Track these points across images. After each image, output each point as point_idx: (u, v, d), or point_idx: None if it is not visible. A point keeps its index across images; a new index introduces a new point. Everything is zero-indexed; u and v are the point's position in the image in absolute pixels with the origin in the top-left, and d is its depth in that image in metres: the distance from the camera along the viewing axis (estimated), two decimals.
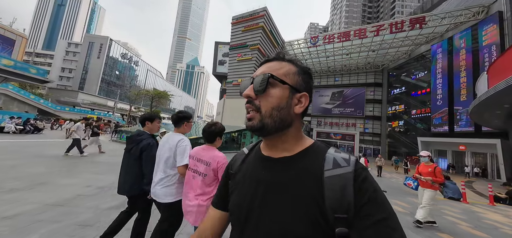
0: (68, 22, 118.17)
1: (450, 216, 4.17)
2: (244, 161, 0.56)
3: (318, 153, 0.46)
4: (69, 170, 4.32)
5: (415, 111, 26.18)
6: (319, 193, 0.40)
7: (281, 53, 0.51)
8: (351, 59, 31.81)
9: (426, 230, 3.15)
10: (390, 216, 0.37)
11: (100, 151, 7.49)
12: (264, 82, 0.46)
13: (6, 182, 3.19)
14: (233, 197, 0.52)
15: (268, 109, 0.45)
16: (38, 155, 5.49)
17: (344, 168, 0.41)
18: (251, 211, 0.45)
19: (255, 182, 0.48)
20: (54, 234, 2.13)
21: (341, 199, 0.38)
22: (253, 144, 0.60)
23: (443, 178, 3.35)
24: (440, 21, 21.57)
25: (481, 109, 10.46)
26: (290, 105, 0.47)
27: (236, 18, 29.50)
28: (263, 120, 0.45)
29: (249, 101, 0.47)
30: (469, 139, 18.58)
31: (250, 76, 0.50)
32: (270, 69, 0.48)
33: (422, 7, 30.74)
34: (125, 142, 10.80)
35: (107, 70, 54.63)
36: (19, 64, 15.83)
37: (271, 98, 0.46)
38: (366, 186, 0.39)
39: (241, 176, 0.53)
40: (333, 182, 0.40)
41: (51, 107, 32.05)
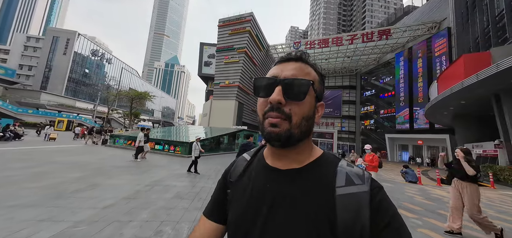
0: (24, 13, 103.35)
1: (409, 193, 5.68)
2: (246, 170, 0.51)
3: (328, 165, 0.43)
4: (102, 174, 4.62)
5: (383, 111, 29.65)
6: (331, 212, 0.37)
7: (305, 54, 0.46)
8: (330, 63, 34.72)
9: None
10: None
11: (143, 157, 7.71)
12: (305, 89, 0.41)
13: (65, 185, 3.54)
14: (233, 210, 0.47)
15: (299, 119, 0.40)
16: (52, 162, 5.55)
17: (358, 186, 0.38)
18: (253, 227, 0.41)
19: (259, 196, 0.43)
20: (156, 212, 2.74)
21: (354, 221, 0.35)
22: (255, 150, 0.57)
23: (377, 163, 4.76)
24: (402, 34, 25.06)
25: (433, 111, 12.90)
26: (314, 115, 0.44)
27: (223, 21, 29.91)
28: (291, 130, 0.40)
29: (276, 109, 0.40)
30: (425, 135, 22.05)
31: (272, 77, 0.43)
32: (302, 73, 0.43)
33: (388, 20, 35.08)
34: (121, 146, 10.68)
35: (75, 68, 49.64)
36: None
37: (304, 107, 0.41)
38: (384, 209, 0.36)
39: (242, 187, 0.48)
40: (346, 201, 0.37)
41: (12, 109, 28.39)
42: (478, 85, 7.56)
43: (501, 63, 6.35)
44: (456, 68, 9.51)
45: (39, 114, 31.84)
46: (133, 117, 35.61)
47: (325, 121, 37.20)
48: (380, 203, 0.37)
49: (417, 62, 23.58)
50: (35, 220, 2.16)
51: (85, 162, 5.90)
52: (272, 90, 0.41)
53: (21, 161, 5.32)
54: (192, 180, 5.01)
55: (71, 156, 7.03)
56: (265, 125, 0.41)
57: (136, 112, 37.00)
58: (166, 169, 6.05)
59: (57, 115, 33.88)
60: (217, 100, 31.48)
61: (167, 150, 9.41)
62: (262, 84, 0.43)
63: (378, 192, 0.38)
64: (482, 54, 8.72)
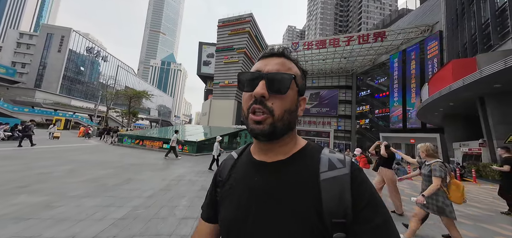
0: (14, 8, 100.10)
1: (399, 187, 6.35)
2: (233, 167, 0.53)
3: (312, 154, 0.45)
4: (128, 170, 5.03)
5: (378, 111, 30.62)
6: (316, 197, 0.38)
7: (287, 50, 0.49)
8: (326, 64, 35.50)
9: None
10: (388, 220, 0.36)
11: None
12: (287, 83, 0.42)
13: (103, 180, 3.96)
14: (224, 208, 0.48)
15: (281, 112, 0.42)
16: (75, 160, 5.90)
17: (339, 169, 0.40)
18: (244, 222, 0.42)
19: (248, 190, 0.45)
20: (192, 199, 3.22)
21: (338, 203, 0.37)
22: (242, 148, 0.58)
23: (366, 160, 5.52)
24: (396, 36, 25.94)
25: (425, 111, 13.70)
26: (297, 108, 0.46)
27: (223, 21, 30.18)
28: (274, 123, 0.42)
29: (260, 102, 0.42)
30: (417, 134, 23.04)
31: (256, 71, 0.45)
32: (285, 68, 0.44)
33: (383, 22, 36.02)
34: (129, 145, 11.01)
35: (70, 65, 48.90)
36: None
37: (286, 101, 0.43)
38: (363, 189, 0.39)
39: (231, 185, 0.49)
40: (329, 184, 0.39)
41: (8, 108, 27.97)
42: (464, 89, 8.28)
43: (484, 69, 7.05)
44: (445, 72, 10.25)
45: (35, 113, 31.41)
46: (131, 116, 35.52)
47: (321, 120, 38.08)
48: (360, 184, 0.39)
49: (411, 64, 24.53)
50: (100, 206, 2.62)
51: (106, 160, 6.29)
52: (256, 84, 0.42)
53: (49, 159, 5.68)
54: (209, 175, 5.50)
55: (88, 155, 7.38)
56: (249, 121, 0.43)
57: (134, 111, 36.90)
58: (181, 166, 6.52)
59: (53, 114, 33.50)
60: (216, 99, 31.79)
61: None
62: (247, 78, 0.44)
63: (358, 174, 0.40)
64: (469, 60, 9.48)
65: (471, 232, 2.89)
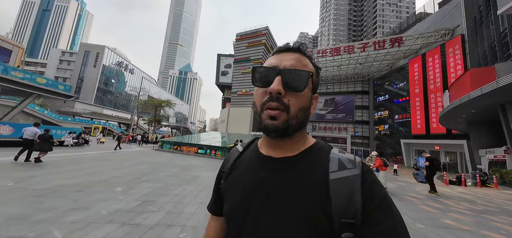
0: (53, 29, 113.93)
1: (417, 189, 7.10)
2: (238, 159, 0.52)
3: (321, 152, 0.44)
4: (188, 170, 6.39)
5: (398, 116, 29.83)
6: (324, 196, 0.37)
7: (304, 46, 0.47)
8: (341, 70, 35.62)
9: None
10: (399, 222, 0.35)
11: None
12: (305, 80, 0.41)
13: (180, 176, 5.26)
14: (227, 200, 0.48)
15: (296, 110, 0.41)
16: (144, 162, 7.42)
17: (350, 170, 0.39)
18: (249, 215, 0.41)
19: (254, 184, 0.44)
20: None
21: (348, 203, 0.36)
22: (249, 142, 0.57)
23: (377, 165, 6.21)
24: (414, 41, 25.60)
25: (446, 118, 13.70)
26: (310, 107, 0.45)
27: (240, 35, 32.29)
28: (289, 121, 0.41)
29: (276, 99, 0.40)
30: (442, 140, 22.25)
31: (272, 67, 0.43)
32: (301, 64, 0.43)
33: (400, 26, 35.50)
34: (168, 151, 12.70)
35: (103, 78, 54.50)
36: (50, 82, 17.18)
37: (303, 99, 0.42)
38: (375, 191, 0.38)
39: (235, 177, 0.49)
40: (339, 185, 0.38)
41: (54, 117, 32.26)
42: (484, 98, 8.60)
43: (501, 80, 7.46)
44: (464, 80, 10.49)
45: (76, 122, 35.65)
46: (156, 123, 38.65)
47: (338, 126, 37.88)
48: (371, 185, 0.38)
49: (431, 68, 24.04)
50: (198, 190, 3.86)
51: (166, 162, 7.74)
52: (272, 80, 0.41)
53: (128, 160, 7.26)
54: None
55: (150, 157, 9.06)
56: (263, 116, 0.42)
57: (159, 118, 40.07)
58: None
59: (90, 122, 37.69)
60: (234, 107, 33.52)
61: (209, 153, 11.23)
62: (261, 73, 0.43)
63: (369, 175, 0.39)
64: (487, 69, 9.68)
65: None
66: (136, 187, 3.87)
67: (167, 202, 3.19)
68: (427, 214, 3.83)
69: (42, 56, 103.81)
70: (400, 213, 0.37)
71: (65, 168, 5.14)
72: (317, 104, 0.47)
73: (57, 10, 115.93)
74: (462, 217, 3.77)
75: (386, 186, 6.03)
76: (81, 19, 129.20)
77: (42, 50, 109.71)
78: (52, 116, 31.98)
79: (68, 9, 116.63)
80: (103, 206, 2.83)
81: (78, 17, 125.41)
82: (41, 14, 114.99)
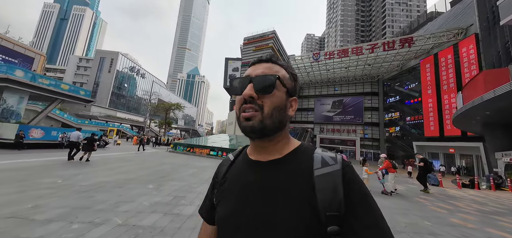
0: (70, 36, 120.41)
1: (431, 191, 7.04)
2: (230, 168, 0.55)
3: (306, 153, 0.47)
4: (205, 169, 6.86)
5: (409, 118, 29.06)
6: (310, 193, 0.40)
7: (274, 57, 0.52)
8: (349, 71, 35.25)
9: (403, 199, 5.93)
10: (380, 218, 0.38)
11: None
12: (272, 82, 0.46)
13: (200, 175, 5.73)
14: (220, 207, 0.50)
15: (270, 109, 0.45)
16: (166, 163, 8.00)
17: (332, 166, 0.42)
18: (240, 218, 0.44)
19: (245, 188, 0.47)
20: None
21: (332, 197, 0.39)
22: (239, 150, 0.60)
23: (385, 166, 6.43)
24: (425, 41, 25.06)
25: (460, 120, 13.40)
26: (286, 108, 0.49)
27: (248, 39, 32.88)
28: (264, 120, 0.45)
29: (249, 102, 0.45)
30: (457, 143, 21.51)
31: (245, 76, 0.48)
32: (271, 71, 0.48)
33: (410, 26, 34.81)
34: (181, 152, 13.32)
35: (116, 83, 57.02)
36: (72, 88, 18.41)
37: (274, 98, 0.46)
38: (353, 182, 0.41)
39: (228, 184, 0.51)
40: (323, 180, 0.41)
41: (73, 121, 34.16)
42: (497, 100, 8.49)
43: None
44: (478, 82, 10.33)
45: (92, 125, 37.56)
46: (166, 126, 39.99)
47: (346, 128, 37.43)
48: (350, 178, 0.42)
49: (443, 68, 23.44)
50: None
51: (184, 163, 8.31)
52: (245, 88, 0.46)
53: (149, 162, 7.84)
54: None
55: (168, 158, 9.70)
56: (241, 119, 0.47)
57: (169, 121, 41.39)
58: None
59: (106, 125, 39.55)
60: None
61: (220, 155, 11.71)
62: (237, 83, 0.49)
63: (349, 170, 0.43)
64: (501, 71, 9.51)
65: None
66: (165, 184, 4.33)
67: (195, 197, 3.60)
68: (435, 213, 4.01)
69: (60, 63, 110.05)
70: (375, 200, 0.40)
71: (99, 167, 5.75)
72: (296, 106, 0.52)
73: (74, 18, 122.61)
74: (469, 217, 3.92)
75: (396, 188, 6.17)
76: (96, 27, 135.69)
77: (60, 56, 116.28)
78: (71, 119, 33.95)
79: (84, 18, 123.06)
80: (144, 199, 3.28)
81: (93, 25, 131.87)
82: (59, 23, 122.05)
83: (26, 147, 9.03)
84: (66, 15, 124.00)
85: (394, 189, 5.98)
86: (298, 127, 38.86)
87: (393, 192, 5.94)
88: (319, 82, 40.48)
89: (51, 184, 3.78)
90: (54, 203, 2.82)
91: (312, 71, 36.03)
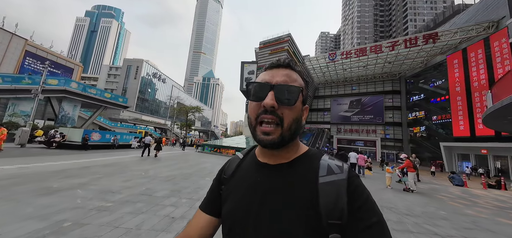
0: (99, 46, 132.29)
1: (450, 190, 7.39)
2: (238, 166, 0.56)
3: (313, 159, 0.48)
4: None
5: (436, 117, 27.54)
6: (314, 198, 0.41)
7: (293, 62, 0.51)
8: (368, 70, 34.29)
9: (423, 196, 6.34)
10: (381, 221, 0.38)
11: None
12: (295, 94, 0.45)
13: None
14: (227, 204, 0.51)
15: (290, 122, 0.45)
16: (204, 161, 9.27)
17: (337, 174, 0.43)
18: (248, 218, 0.44)
19: (252, 189, 0.48)
20: None
21: (335, 205, 0.39)
22: (248, 149, 0.62)
23: (405, 165, 6.85)
24: (452, 36, 23.72)
25: (491, 119, 12.86)
26: (301, 117, 0.49)
27: (264, 43, 33.82)
28: (283, 133, 0.44)
29: (270, 112, 0.44)
30: (490, 143, 20.17)
31: (265, 82, 0.46)
32: (291, 79, 0.47)
33: (435, 20, 32.89)
34: (209, 153, 14.69)
35: (141, 88, 61.78)
36: (113, 96, 20.99)
37: (295, 111, 0.46)
38: (358, 193, 0.41)
39: (235, 182, 0.53)
40: (327, 188, 0.41)
41: (108, 124, 38.05)
42: None
43: None
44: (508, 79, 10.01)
45: (123, 127, 41.44)
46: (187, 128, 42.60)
47: (365, 128, 36.44)
48: (355, 188, 0.42)
49: (473, 64, 22.09)
50: None
51: (217, 162, 9.29)
52: (265, 95, 0.44)
53: (190, 160, 9.13)
54: None
55: (201, 158, 10.89)
56: (258, 132, 0.46)
57: (190, 123, 44.01)
58: None
59: (134, 127, 43.33)
60: None
61: None
62: (255, 88, 0.47)
63: (354, 180, 0.43)
64: None
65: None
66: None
67: None
68: (452, 207, 4.51)
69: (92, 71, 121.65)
70: (381, 213, 0.40)
71: (159, 164, 7.13)
72: (307, 114, 0.52)
73: (102, 30, 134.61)
74: (485, 210, 4.37)
75: (415, 187, 6.57)
76: (121, 37, 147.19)
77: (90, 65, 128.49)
78: (106, 122, 37.90)
79: (110, 29, 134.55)
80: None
81: (118, 35, 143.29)
82: (89, 35, 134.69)
83: (90, 148, 10.95)
84: (95, 27, 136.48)
85: (413, 188, 6.42)
86: (314, 127, 38.73)
87: (413, 190, 6.38)
88: (335, 82, 39.94)
89: (140, 176, 5.07)
90: (156, 187, 4.01)
91: (328, 71, 35.75)
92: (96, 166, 5.80)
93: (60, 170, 4.86)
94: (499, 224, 3.41)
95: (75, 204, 2.80)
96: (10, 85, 12.79)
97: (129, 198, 3.21)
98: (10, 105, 13.62)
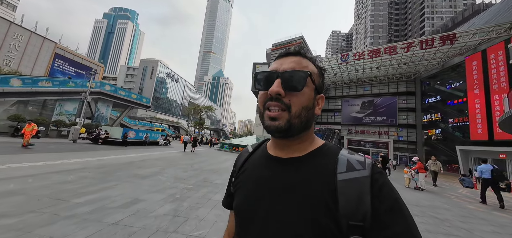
0: (116, 47, 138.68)
1: (460, 191, 7.98)
2: (248, 159, 0.55)
3: (330, 153, 0.44)
4: None
5: (453, 119, 26.95)
6: (331, 197, 0.38)
7: (303, 50, 0.48)
8: (381, 70, 33.95)
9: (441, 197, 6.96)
10: (412, 227, 0.34)
11: None
12: (302, 79, 0.42)
13: None
14: (237, 197, 0.50)
15: (298, 109, 0.43)
16: (226, 159, 10.41)
17: (359, 171, 0.39)
18: (257, 212, 0.42)
19: (261, 183, 0.45)
20: None
21: (356, 205, 0.35)
22: (258, 143, 0.60)
23: (417, 167, 7.43)
24: (471, 37, 23.18)
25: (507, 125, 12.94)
26: (314, 106, 0.46)
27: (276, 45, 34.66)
28: (291, 120, 0.42)
29: (276, 99, 0.43)
30: (509, 148, 19.75)
31: (272, 71, 0.45)
32: (300, 66, 0.45)
33: (453, 20, 31.92)
34: (227, 151, 15.88)
35: (157, 87, 64.73)
36: (138, 96, 22.84)
37: (303, 98, 0.43)
38: (385, 193, 0.37)
39: (245, 175, 0.51)
40: (347, 186, 0.37)
41: (128, 122, 40.62)
42: None
43: None
44: None
45: (141, 125, 44.01)
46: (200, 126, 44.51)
47: (377, 130, 36.17)
48: (381, 187, 0.37)
49: (493, 66, 21.57)
50: None
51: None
52: (272, 83, 0.43)
53: (213, 159, 10.28)
54: None
55: (222, 156, 12.04)
56: (265, 118, 0.44)
57: (202, 122, 45.90)
58: None
59: (151, 125, 45.87)
60: None
61: None
62: (262, 77, 0.46)
63: (380, 177, 0.39)
64: None
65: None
66: None
67: None
68: (457, 203, 5.21)
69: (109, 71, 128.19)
70: (413, 218, 0.35)
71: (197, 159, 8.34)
72: (323, 104, 0.50)
73: (118, 32, 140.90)
74: (484, 206, 5.04)
75: (424, 187, 7.17)
76: (136, 37, 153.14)
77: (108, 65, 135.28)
78: (126, 120, 40.57)
79: (126, 30, 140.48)
80: None
81: (133, 36, 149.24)
82: (107, 36, 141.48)
83: (128, 145, 12.47)
84: (112, 29, 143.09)
85: (423, 188, 7.05)
86: (324, 128, 38.98)
87: (423, 189, 7.02)
88: (347, 83, 39.84)
89: (189, 168, 6.24)
90: (212, 177, 5.11)
91: (340, 72, 35.78)
92: (150, 159, 7.04)
93: (128, 162, 6.12)
94: (493, 215, 4.12)
95: (168, 185, 3.92)
96: (58, 88, 14.69)
97: (199, 183, 4.29)
98: (57, 106, 15.60)
